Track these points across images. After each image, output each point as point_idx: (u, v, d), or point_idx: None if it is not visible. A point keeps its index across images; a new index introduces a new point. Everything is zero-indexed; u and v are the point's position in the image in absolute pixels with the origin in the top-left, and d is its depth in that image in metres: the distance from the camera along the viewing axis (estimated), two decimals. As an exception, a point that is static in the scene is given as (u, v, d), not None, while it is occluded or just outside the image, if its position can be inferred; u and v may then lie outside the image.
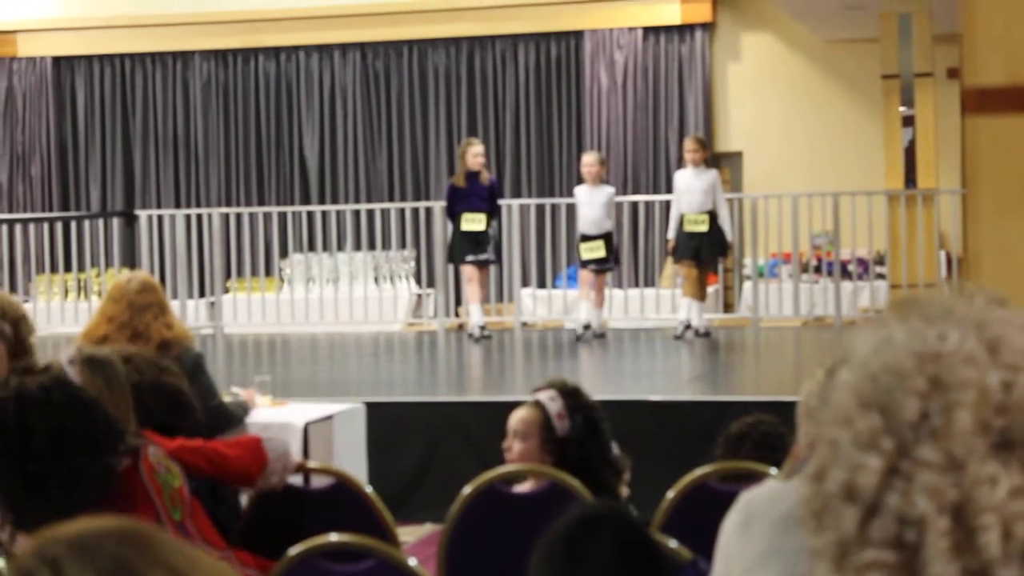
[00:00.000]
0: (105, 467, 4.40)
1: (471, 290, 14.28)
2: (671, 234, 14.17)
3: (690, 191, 13.98)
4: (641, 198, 16.76)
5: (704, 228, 13.93)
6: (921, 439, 1.63)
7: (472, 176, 14.09)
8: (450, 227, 14.80)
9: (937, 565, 1.60)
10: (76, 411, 4.37)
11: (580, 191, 14.40)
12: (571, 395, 5.49)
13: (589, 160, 14.41)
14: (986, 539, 1.62)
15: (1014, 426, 1.68)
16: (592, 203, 14.16)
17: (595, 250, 14.09)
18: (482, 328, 14.26)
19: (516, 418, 5.47)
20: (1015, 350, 1.68)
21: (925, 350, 1.67)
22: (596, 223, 14.13)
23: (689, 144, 14.33)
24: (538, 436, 5.38)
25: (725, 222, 14.11)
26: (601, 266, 14.17)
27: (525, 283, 16.55)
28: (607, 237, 14.16)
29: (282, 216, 16.99)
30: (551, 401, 5.43)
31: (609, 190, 14.40)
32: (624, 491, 6.39)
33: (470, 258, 14.11)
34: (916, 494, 1.61)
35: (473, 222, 14.08)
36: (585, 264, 14.25)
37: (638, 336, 14.76)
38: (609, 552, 3.03)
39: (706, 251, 14.02)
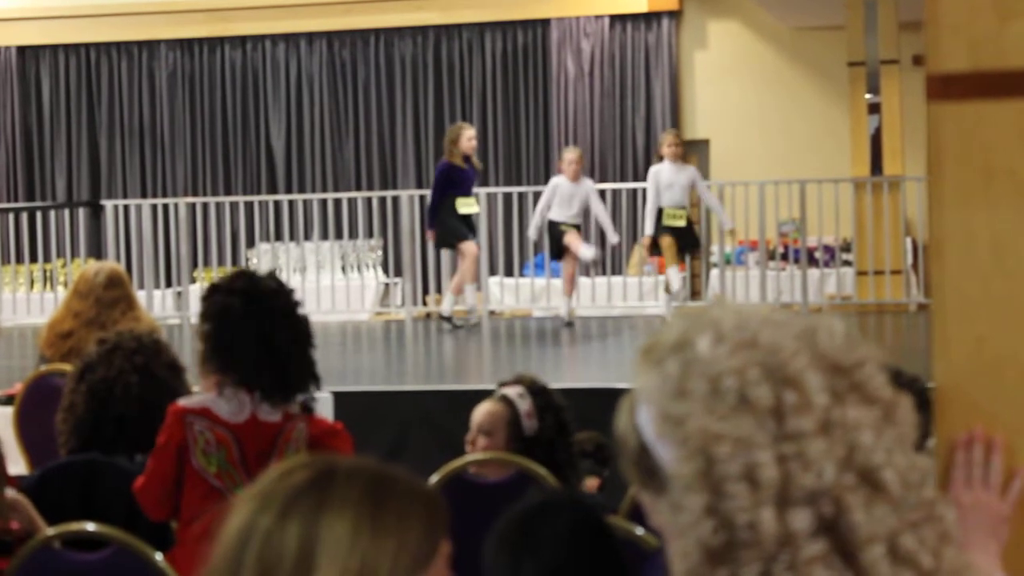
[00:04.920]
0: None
1: (472, 269, 14.06)
2: (649, 230, 14.08)
3: (672, 186, 13.91)
4: (608, 186, 16.75)
5: (682, 223, 13.91)
6: (787, 417, 1.66)
7: (467, 160, 13.93)
8: (413, 210, 14.73)
9: (863, 520, 1.63)
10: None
11: (562, 184, 14.24)
12: (541, 394, 5.38)
13: (572, 157, 14.27)
14: (886, 476, 1.66)
15: (839, 368, 1.72)
16: (572, 196, 14.07)
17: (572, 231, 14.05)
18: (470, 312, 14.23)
19: (482, 411, 5.36)
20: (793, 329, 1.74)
21: (739, 341, 1.71)
22: (575, 217, 14.08)
23: (670, 138, 14.22)
24: (505, 432, 5.29)
25: (719, 210, 14.27)
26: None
27: (493, 272, 16.53)
28: (578, 228, 14.16)
29: (249, 205, 16.94)
30: (520, 398, 5.32)
31: (590, 184, 14.36)
32: (593, 483, 6.41)
33: (470, 236, 13.94)
34: (818, 463, 1.64)
35: (470, 206, 13.95)
36: (564, 251, 14.19)
37: (605, 324, 14.78)
38: (564, 537, 3.05)
39: (681, 246, 14.04)
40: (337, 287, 16.46)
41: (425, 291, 16.79)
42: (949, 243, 2.35)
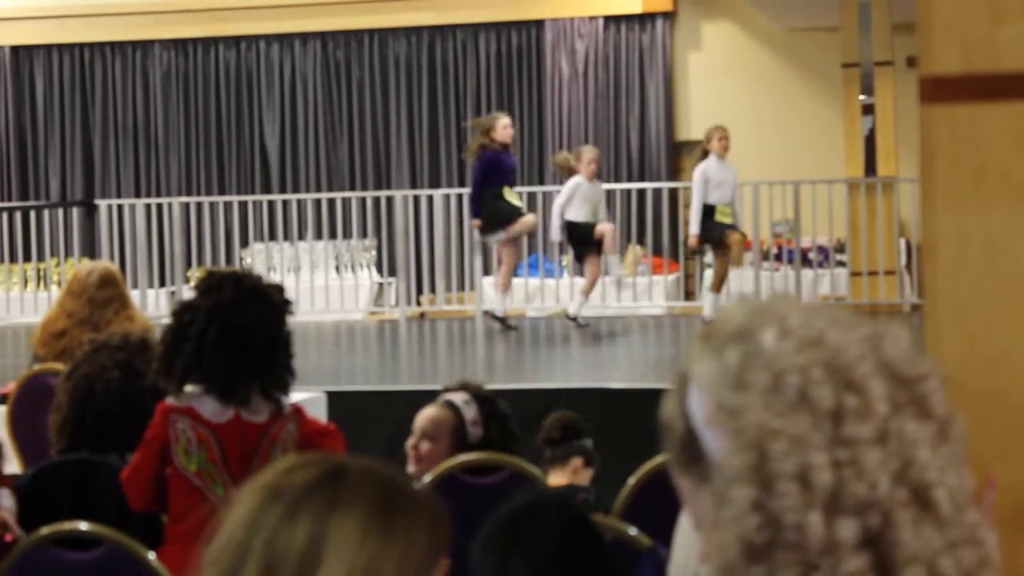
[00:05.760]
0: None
1: (513, 265, 13.87)
2: (695, 229, 13.89)
3: (722, 184, 13.80)
4: (602, 187, 16.76)
5: (730, 221, 13.86)
6: (845, 422, 1.62)
7: (505, 148, 13.62)
8: (407, 210, 14.63)
9: (909, 538, 1.59)
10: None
11: (583, 184, 13.90)
12: (487, 402, 5.33)
13: (591, 156, 14.03)
14: (938, 495, 1.62)
15: (903, 378, 1.68)
16: (592, 197, 13.93)
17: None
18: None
19: (426, 416, 5.30)
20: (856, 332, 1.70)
21: (805, 338, 1.67)
22: (596, 216, 13.91)
23: (719, 132, 14.00)
24: (449, 439, 5.24)
25: (739, 212, 14.17)
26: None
27: (487, 272, 16.52)
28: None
29: (243, 205, 16.93)
30: (466, 405, 5.28)
31: (601, 187, 14.27)
32: (578, 463, 6.39)
33: (522, 210, 13.69)
34: (873, 473, 1.61)
35: (515, 197, 13.66)
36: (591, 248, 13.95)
37: (599, 324, 14.76)
38: (553, 537, 3.05)
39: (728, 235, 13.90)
40: (331, 287, 16.46)
41: (419, 291, 16.77)
42: (942, 244, 2.35)
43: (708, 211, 13.83)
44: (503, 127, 13.60)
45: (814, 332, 1.67)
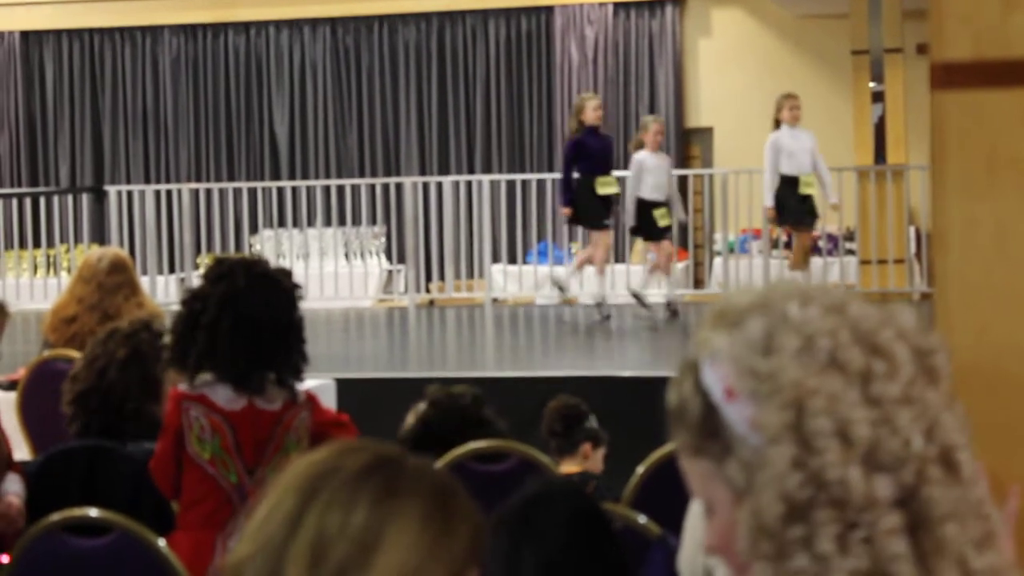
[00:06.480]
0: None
1: (602, 258, 13.58)
2: (769, 201, 13.71)
3: (799, 151, 13.57)
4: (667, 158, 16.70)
5: (814, 191, 13.62)
6: (874, 383, 1.65)
7: (593, 131, 13.24)
8: (416, 197, 14.58)
9: (940, 496, 1.62)
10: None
11: (647, 159, 13.65)
12: (432, 404, 5.46)
13: (658, 127, 13.83)
14: (961, 457, 1.65)
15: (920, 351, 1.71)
16: (659, 169, 13.73)
17: (665, 216, 13.68)
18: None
19: None
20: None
21: (828, 305, 1.69)
22: (662, 188, 13.71)
23: (791, 101, 13.80)
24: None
25: (827, 182, 13.81)
26: (668, 233, 13.84)
27: (496, 259, 16.52)
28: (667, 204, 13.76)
29: (252, 192, 16.94)
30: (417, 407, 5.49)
31: (667, 158, 14.04)
32: (587, 448, 6.39)
33: (608, 223, 13.43)
34: (906, 430, 1.63)
35: (609, 185, 13.29)
36: (661, 232, 13.74)
37: (608, 312, 14.74)
38: (563, 525, 3.05)
39: (812, 215, 13.70)
40: (340, 274, 16.45)
41: (428, 278, 16.78)
42: (952, 232, 2.34)
43: (790, 182, 13.61)
44: (592, 109, 13.21)
45: (836, 300, 1.71)
